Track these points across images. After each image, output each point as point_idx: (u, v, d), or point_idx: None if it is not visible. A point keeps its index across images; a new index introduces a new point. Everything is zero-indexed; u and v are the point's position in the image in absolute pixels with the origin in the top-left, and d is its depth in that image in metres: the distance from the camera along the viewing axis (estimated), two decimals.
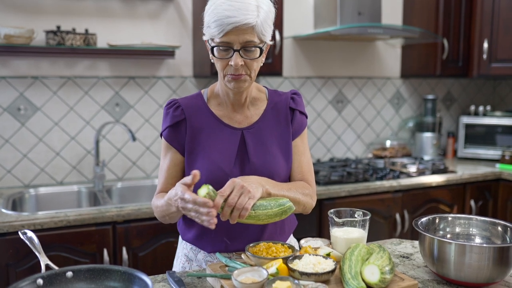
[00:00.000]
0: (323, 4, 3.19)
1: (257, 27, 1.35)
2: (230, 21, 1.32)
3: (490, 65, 3.38)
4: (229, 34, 1.34)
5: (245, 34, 1.34)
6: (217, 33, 1.34)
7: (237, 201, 1.25)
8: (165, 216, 1.43)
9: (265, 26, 1.37)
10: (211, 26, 1.36)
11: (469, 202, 3.16)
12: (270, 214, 1.29)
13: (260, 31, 1.36)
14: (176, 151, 1.51)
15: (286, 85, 3.29)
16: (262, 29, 1.36)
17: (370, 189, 2.80)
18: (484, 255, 1.25)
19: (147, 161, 2.97)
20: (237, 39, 1.34)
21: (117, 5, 2.81)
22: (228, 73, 1.40)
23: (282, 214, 1.31)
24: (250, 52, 1.37)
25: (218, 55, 1.39)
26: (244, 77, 1.40)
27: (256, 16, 1.34)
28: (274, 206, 1.30)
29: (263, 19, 1.36)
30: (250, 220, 1.29)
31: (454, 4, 3.35)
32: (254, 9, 1.34)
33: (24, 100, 2.66)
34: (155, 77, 2.94)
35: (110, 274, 1.14)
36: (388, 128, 3.72)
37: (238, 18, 1.31)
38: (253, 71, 1.41)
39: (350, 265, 1.24)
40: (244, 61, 1.37)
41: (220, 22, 1.32)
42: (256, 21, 1.34)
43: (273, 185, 1.39)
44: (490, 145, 3.57)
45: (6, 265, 2.09)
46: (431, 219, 1.50)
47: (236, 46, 1.35)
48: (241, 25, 1.32)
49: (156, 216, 1.52)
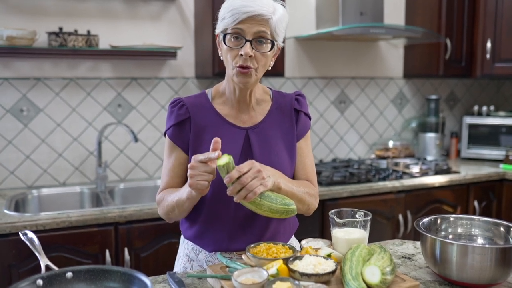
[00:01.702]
0: (325, 5, 3.18)
1: (271, 22, 1.38)
2: (245, 10, 1.35)
3: (493, 65, 3.36)
4: (243, 22, 1.37)
5: (260, 25, 1.38)
6: (231, 21, 1.37)
7: (249, 182, 1.26)
8: (174, 208, 1.44)
9: (279, 25, 1.41)
10: (226, 17, 1.39)
11: (472, 202, 3.14)
12: (273, 209, 1.29)
13: (274, 27, 1.40)
14: (181, 150, 1.51)
15: (288, 85, 3.29)
16: (276, 27, 1.40)
17: (372, 189, 2.79)
18: (486, 256, 1.24)
19: (150, 162, 2.97)
20: (250, 29, 1.37)
21: (119, 6, 2.81)
22: (236, 64, 1.40)
23: (282, 213, 1.31)
24: (261, 45, 1.40)
25: (229, 44, 1.40)
26: (250, 71, 1.41)
27: (272, 12, 1.38)
28: (279, 203, 1.30)
29: (278, 19, 1.40)
30: (252, 206, 1.29)
31: (457, 3, 3.34)
32: (270, 5, 1.39)
33: (26, 102, 2.67)
34: (157, 78, 2.94)
35: (110, 275, 1.13)
36: (391, 129, 3.71)
37: (253, 8, 1.35)
38: (261, 67, 1.43)
39: (351, 266, 1.23)
40: (254, 53, 1.39)
41: (236, 11, 1.36)
42: (272, 16, 1.38)
43: (286, 181, 1.42)
44: (494, 145, 3.55)
45: (9, 265, 2.10)
46: (433, 219, 1.49)
47: (248, 36, 1.38)
48: (256, 15, 1.36)
49: (160, 213, 1.53)
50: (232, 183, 1.27)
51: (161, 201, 1.50)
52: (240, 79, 1.42)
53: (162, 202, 1.49)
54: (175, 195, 1.43)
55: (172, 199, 1.44)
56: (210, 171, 1.28)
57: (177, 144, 1.51)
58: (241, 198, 1.27)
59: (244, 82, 1.43)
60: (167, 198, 1.46)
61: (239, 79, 1.42)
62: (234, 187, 1.26)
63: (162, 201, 1.49)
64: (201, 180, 1.28)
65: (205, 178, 1.28)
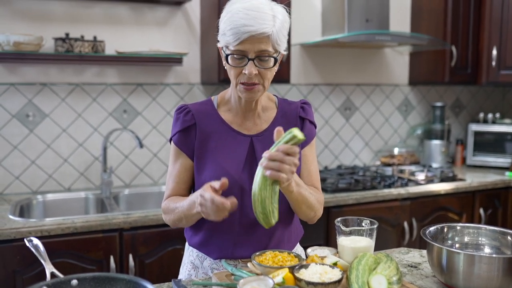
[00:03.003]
0: (331, 11, 3.19)
1: (272, 37, 1.35)
2: (246, 30, 1.32)
3: (499, 72, 3.35)
4: (245, 42, 1.34)
5: (261, 43, 1.35)
6: (232, 40, 1.35)
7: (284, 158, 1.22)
8: (181, 218, 1.43)
9: (280, 36, 1.38)
10: (227, 34, 1.36)
11: (478, 210, 3.12)
12: (267, 203, 1.25)
13: (275, 40, 1.37)
14: (186, 156, 1.51)
15: (293, 92, 3.29)
16: (277, 38, 1.37)
17: (378, 196, 2.78)
18: (493, 265, 1.23)
19: (155, 168, 2.98)
20: (252, 48, 1.35)
21: (125, 12, 2.83)
22: (241, 81, 1.40)
23: (268, 214, 1.26)
24: (264, 62, 1.38)
25: (232, 63, 1.39)
26: (257, 87, 1.41)
27: (272, 25, 1.35)
28: (274, 204, 1.26)
29: (278, 29, 1.37)
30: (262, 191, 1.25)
31: (462, 11, 3.34)
32: (270, 19, 1.35)
33: (32, 107, 2.68)
34: (163, 84, 2.95)
35: (115, 283, 1.13)
36: (396, 136, 3.70)
37: (254, 27, 1.32)
38: (267, 80, 1.42)
39: (357, 275, 1.23)
40: (258, 70, 1.38)
41: (236, 30, 1.33)
42: (272, 30, 1.35)
43: (299, 183, 1.41)
44: (500, 152, 3.53)
45: (13, 271, 2.10)
46: (440, 228, 1.48)
47: (250, 55, 1.36)
48: (257, 34, 1.33)
49: (166, 220, 1.52)
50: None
51: (167, 209, 1.50)
52: (246, 95, 1.43)
53: (169, 210, 1.49)
54: (183, 206, 1.42)
55: (180, 209, 1.43)
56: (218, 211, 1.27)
57: (183, 150, 1.51)
58: (269, 167, 1.22)
59: (250, 97, 1.44)
60: (174, 207, 1.46)
61: (245, 95, 1.43)
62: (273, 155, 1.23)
63: (168, 209, 1.49)
64: (214, 218, 1.29)
65: (216, 216, 1.28)
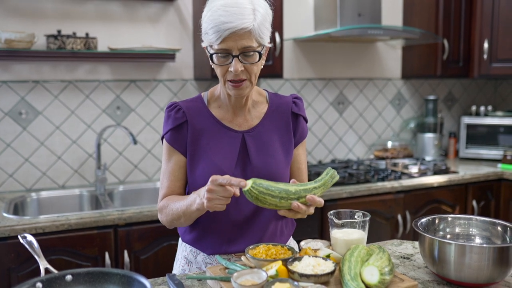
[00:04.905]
0: (323, 6, 3.19)
1: (254, 31, 1.34)
2: (226, 27, 1.31)
3: (490, 65, 3.37)
4: (227, 40, 1.33)
5: (243, 39, 1.34)
6: (215, 39, 1.34)
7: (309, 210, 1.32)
8: (180, 216, 1.42)
9: (262, 29, 1.37)
10: (209, 33, 1.36)
11: (471, 202, 3.15)
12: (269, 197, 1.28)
13: (257, 34, 1.36)
14: (180, 154, 1.51)
15: (286, 87, 3.29)
16: (260, 32, 1.36)
17: (371, 190, 2.80)
18: (484, 255, 1.24)
19: (149, 164, 2.98)
20: (235, 45, 1.34)
21: (117, 9, 2.82)
22: (228, 78, 1.40)
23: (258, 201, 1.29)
24: (249, 57, 1.38)
25: (217, 62, 1.39)
26: (245, 83, 1.41)
27: (253, 19, 1.33)
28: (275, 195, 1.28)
29: (260, 22, 1.35)
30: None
31: (454, 4, 3.35)
32: (250, 13, 1.33)
33: (25, 104, 2.67)
34: (156, 80, 2.95)
35: (110, 278, 1.14)
36: (390, 129, 3.72)
37: (234, 23, 1.31)
38: (254, 75, 1.42)
39: (350, 266, 1.24)
40: (244, 66, 1.38)
41: (217, 29, 1.33)
42: (253, 24, 1.33)
43: None
44: (492, 145, 3.56)
45: (8, 269, 2.10)
46: (431, 219, 1.49)
47: (234, 52, 1.35)
48: (238, 30, 1.32)
49: (162, 220, 1.51)
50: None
51: (164, 208, 1.48)
52: (235, 92, 1.43)
53: (166, 210, 1.47)
54: (182, 204, 1.41)
55: (178, 208, 1.42)
56: (228, 195, 1.28)
57: (176, 147, 1.51)
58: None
59: (239, 94, 1.43)
60: (172, 206, 1.44)
61: (234, 92, 1.42)
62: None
63: (165, 209, 1.47)
64: (219, 204, 1.28)
65: (223, 202, 1.28)
